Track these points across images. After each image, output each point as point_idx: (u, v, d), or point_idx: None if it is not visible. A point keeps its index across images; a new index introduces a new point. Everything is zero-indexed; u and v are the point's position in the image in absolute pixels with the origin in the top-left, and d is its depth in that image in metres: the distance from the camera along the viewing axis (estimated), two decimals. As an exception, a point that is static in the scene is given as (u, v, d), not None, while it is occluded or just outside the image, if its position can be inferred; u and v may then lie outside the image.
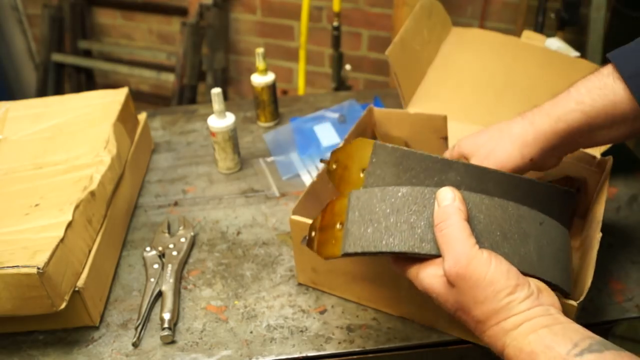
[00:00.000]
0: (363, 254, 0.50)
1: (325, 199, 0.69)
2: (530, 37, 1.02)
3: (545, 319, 0.44)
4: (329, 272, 0.70)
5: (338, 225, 0.53)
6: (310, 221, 0.64)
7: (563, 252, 0.53)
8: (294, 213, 0.68)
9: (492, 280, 0.45)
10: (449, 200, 0.48)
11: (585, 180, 0.77)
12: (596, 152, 0.77)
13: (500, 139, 0.62)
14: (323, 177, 0.74)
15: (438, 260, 0.48)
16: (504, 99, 0.92)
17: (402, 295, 0.66)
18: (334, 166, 0.60)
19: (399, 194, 0.50)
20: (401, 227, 0.49)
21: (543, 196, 0.58)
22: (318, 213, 0.57)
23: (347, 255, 0.51)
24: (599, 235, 0.60)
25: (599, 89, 0.56)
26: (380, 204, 0.50)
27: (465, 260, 0.46)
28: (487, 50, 0.99)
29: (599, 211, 0.64)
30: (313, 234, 0.56)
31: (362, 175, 0.56)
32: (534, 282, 0.47)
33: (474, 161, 0.62)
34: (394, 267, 0.53)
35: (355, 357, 0.65)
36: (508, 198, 0.51)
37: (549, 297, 0.47)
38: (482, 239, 0.49)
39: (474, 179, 0.55)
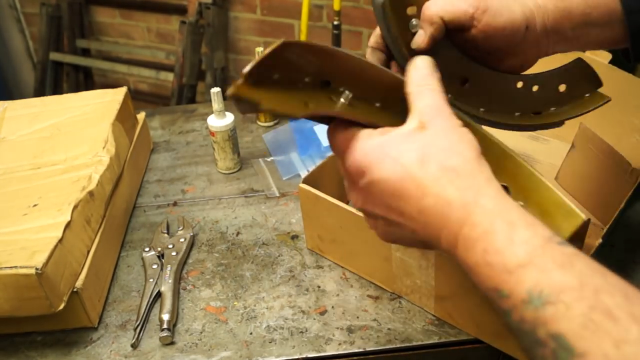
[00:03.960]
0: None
1: (340, 175, 0.72)
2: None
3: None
4: (332, 242, 0.74)
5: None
6: (319, 192, 0.69)
7: None
8: (304, 182, 0.72)
9: (462, 136, 0.40)
10: (426, 69, 0.44)
11: None
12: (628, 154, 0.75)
13: None
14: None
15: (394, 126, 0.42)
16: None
17: (395, 273, 0.67)
18: None
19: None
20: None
21: None
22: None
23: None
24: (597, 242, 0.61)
25: None
26: None
27: (445, 105, 0.41)
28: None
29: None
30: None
31: None
32: None
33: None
34: (335, 141, 0.44)
35: (355, 358, 0.65)
36: None
37: None
38: None
39: None
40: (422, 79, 0.44)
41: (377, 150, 0.41)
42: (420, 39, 0.50)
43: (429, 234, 0.40)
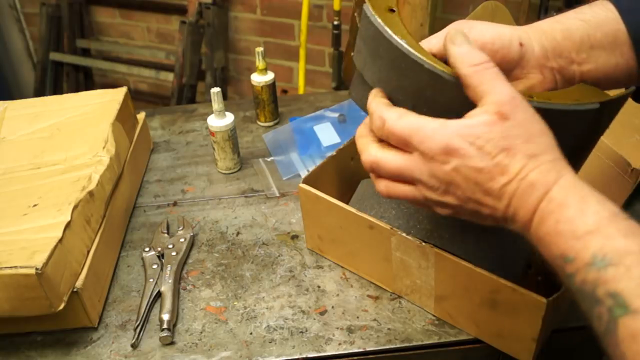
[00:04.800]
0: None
1: (340, 175, 0.77)
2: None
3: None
4: (332, 242, 0.74)
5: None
6: (319, 192, 0.70)
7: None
8: (304, 182, 0.71)
9: (541, 121, 0.43)
10: (467, 43, 0.45)
11: None
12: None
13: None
14: (341, 153, 0.78)
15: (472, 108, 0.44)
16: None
17: (395, 273, 0.67)
18: None
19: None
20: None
21: None
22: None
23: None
24: None
25: (599, 6, 0.52)
26: None
27: (515, 93, 0.43)
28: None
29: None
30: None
31: None
32: None
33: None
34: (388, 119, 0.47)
35: (355, 358, 0.65)
36: None
37: None
38: None
39: None
40: (473, 56, 0.44)
41: (462, 137, 0.43)
42: None
43: (506, 213, 0.43)
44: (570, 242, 0.38)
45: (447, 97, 0.46)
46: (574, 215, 0.38)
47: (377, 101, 0.49)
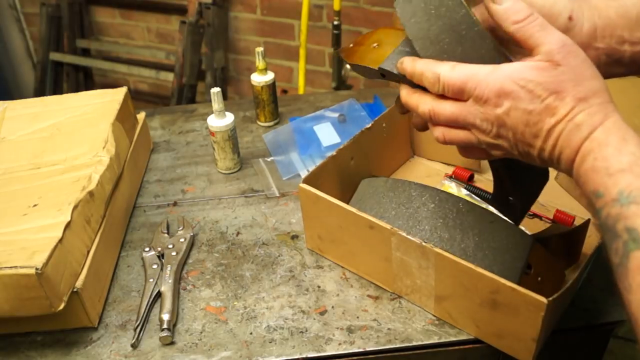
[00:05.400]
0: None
1: (340, 175, 0.78)
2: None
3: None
4: (332, 242, 0.73)
5: (374, 45, 0.56)
6: (319, 192, 0.70)
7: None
8: (304, 182, 0.71)
9: (592, 65, 0.45)
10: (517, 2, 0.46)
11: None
12: None
13: None
14: (341, 153, 0.78)
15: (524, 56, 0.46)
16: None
17: (395, 273, 0.67)
18: None
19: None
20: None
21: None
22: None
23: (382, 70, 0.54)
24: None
25: None
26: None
27: (569, 40, 0.45)
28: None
29: None
30: (351, 45, 0.60)
31: None
32: None
33: None
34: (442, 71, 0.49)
35: (355, 358, 0.65)
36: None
37: None
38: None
39: None
40: (517, 12, 0.46)
41: (513, 81, 0.45)
42: None
43: (552, 153, 0.45)
44: (603, 179, 0.40)
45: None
46: (611, 154, 0.40)
47: (423, 61, 0.50)
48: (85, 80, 2.44)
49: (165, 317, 0.68)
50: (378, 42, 0.58)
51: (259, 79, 1.03)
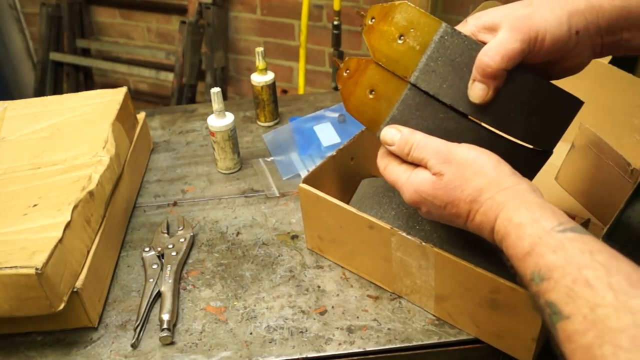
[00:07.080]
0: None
1: (340, 175, 0.78)
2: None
3: (532, 195, 0.48)
4: (332, 242, 0.74)
5: (370, 91, 0.57)
6: (319, 192, 0.70)
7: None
8: (304, 182, 0.72)
9: (476, 159, 0.51)
10: (396, 137, 0.55)
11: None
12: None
13: (542, 2, 0.51)
14: (341, 153, 0.79)
15: (422, 168, 0.54)
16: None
17: (395, 273, 0.67)
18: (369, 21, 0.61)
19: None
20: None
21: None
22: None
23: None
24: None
25: None
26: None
27: (445, 148, 0.52)
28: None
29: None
30: (345, 73, 0.61)
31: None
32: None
33: (504, 29, 0.51)
34: (385, 166, 0.57)
35: (355, 358, 0.65)
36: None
37: (528, 181, 0.51)
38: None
39: None
40: (394, 138, 0.56)
41: (419, 193, 0.54)
42: (484, 93, 0.52)
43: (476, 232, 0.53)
44: (517, 264, 0.45)
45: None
46: (514, 242, 0.46)
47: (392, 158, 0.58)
48: (85, 80, 2.45)
49: (165, 317, 0.68)
50: (373, 87, 0.57)
51: (259, 79, 1.03)
